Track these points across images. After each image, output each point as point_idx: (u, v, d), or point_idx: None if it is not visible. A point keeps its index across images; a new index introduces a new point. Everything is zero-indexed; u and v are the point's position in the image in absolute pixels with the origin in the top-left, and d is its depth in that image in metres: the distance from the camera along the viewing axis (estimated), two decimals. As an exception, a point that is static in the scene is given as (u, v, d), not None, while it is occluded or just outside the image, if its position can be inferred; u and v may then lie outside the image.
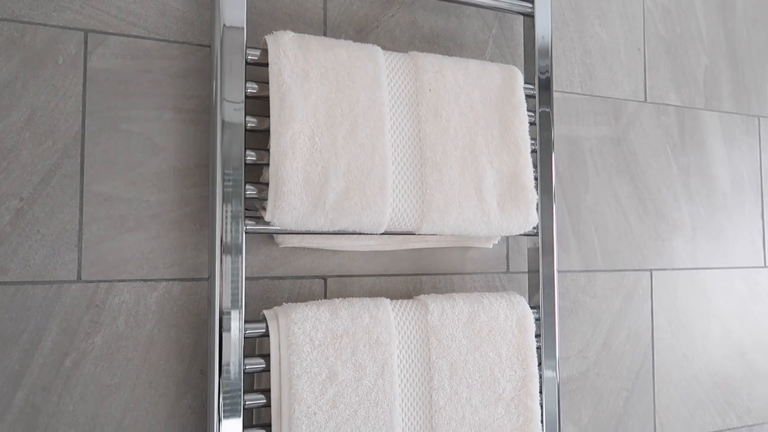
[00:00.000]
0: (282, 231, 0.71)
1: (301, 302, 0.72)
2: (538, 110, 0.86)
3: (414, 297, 0.80)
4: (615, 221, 1.02)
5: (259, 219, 0.71)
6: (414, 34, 0.88)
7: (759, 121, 1.18)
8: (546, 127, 0.86)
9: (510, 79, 0.82)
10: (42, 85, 0.68)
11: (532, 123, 0.86)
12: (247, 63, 0.71)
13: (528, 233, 0.85)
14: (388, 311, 0.73)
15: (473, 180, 0.76)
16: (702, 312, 1.09)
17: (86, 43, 0.70)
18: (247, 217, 0.70)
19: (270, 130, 0.69)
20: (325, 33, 0.82)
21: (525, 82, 0.87)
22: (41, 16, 0.68)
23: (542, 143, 0.86)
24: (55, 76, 0.69)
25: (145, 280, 0.71)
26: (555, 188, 0.87)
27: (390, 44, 0.86)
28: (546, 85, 0.87)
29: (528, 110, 0.85)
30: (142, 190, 0.72)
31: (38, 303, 0.67)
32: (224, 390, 0.67)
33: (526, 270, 0.91)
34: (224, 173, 0.68)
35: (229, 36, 0.69)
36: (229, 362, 0.67)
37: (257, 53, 0.71)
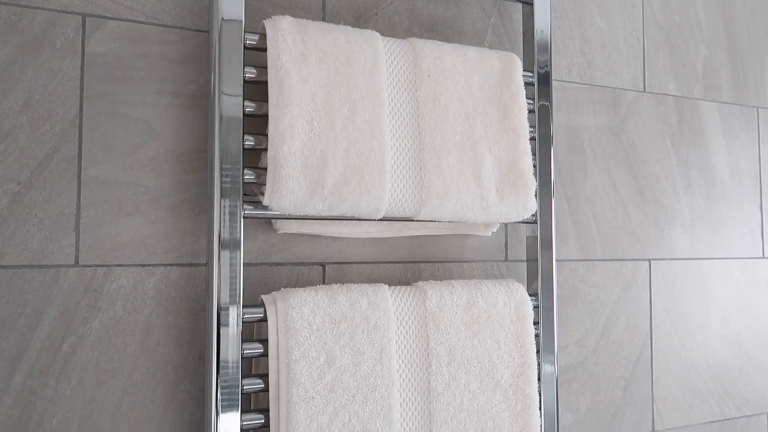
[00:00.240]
0: (280, 216, 0.71)
1: (300, 287, 0.72)
2: (537, 99, 0.86)
3: (412, 284, 0.80)
4: (614, 211, 1.02)
5: (258, 204, 0.71)
6: (413, 22, 0.88)
7: (758, 112, 1.18)
8: (545, 116, 0.86)
9: (509, 66, 0.82)
10: (40, 69, 0.68)
11: (531, 111, 0.86)
12: (246, 48, 0.71)
13: (527, 221, 0.84)
14: (387, 297, 0.73)
15: (472, 166, 0.76)
16: (700, 302, 1.09)
17: (84, 27, 0.70)
18: (246, 202, 0.70)
19: (268, 115, 0.69)
20: (324, 19, 0.82)
21: (524, 70, 0.86)
22: (39, 0, 0.68)
23: (541, 132, 0.86)
24: (53, 60, 0.68)
25: (143, 265, 0.71)
26: (554, 177, 0.87)
27: (389, 31, 0.86)
28: (545, 74, 0.87)
29: (527, 98, 0.85)
30: (140, 175, 0.72)
31: (36, 287, 0.67)
32: (222, 378, 0.67)
33: (525, 259, 0.91)
34: (222, 158, 0.68)
35: (228, 21, 0.69)
36: (228, 348, 0.67)
37: (256, 38, 0.71)
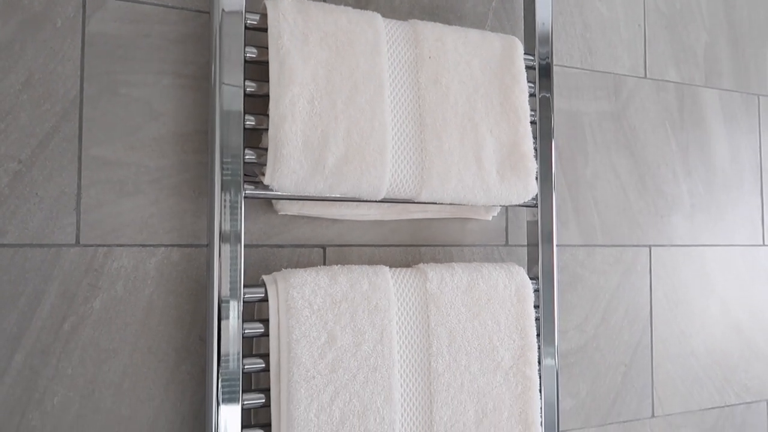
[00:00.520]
0: (281, 196, 0.71)
1: (300, 268, 0.72)
2: (539, 88, 0.86)
3: (413, 266, 0.80)
4: (614, 196, 1.02)
5: (259, 184, 0.71)
6: (413, 5, 0.87)
7: (759, 100, 1.18)
8: (546, 102, 0.86)
9: (510, 49, 0.82)
10: (40, 48, 0.68)
11: (532, 94, 0.86)
12: (247, 28, 0.71)
13: (527, 204, 0.84)
14: (387, 278, 0.73)
15: (473, 148, 0.76)
16: (700, 289, 1.09)
17: (84, 7, 0.70)
18: (247, 182, 0.70)
19: (269, 94, 0.69)
20: (325, 0, 0.82)
21: (525, 54, 0.86)
22: (39, -21, 0.68)
23: (542, 117, 0.86)
24: (54, 39, 0.68)
25: (144, 246, 0.71)
26: (555, 162, 0.87)
27: (389, 14, 0.86)
28: (546, 65, 0.87)
29: (527, 81, 0.85)
30: (141, 155, 0.72)
31: (37, 266, 0.67)
32: (223, 359, 0.67)
33: (525, 244, 0.91)
34: (223, 138, 0.68)
35: (228, 1, 0.69)
36: (228, 328, 0.67)
37: (257, 18, 0.71)
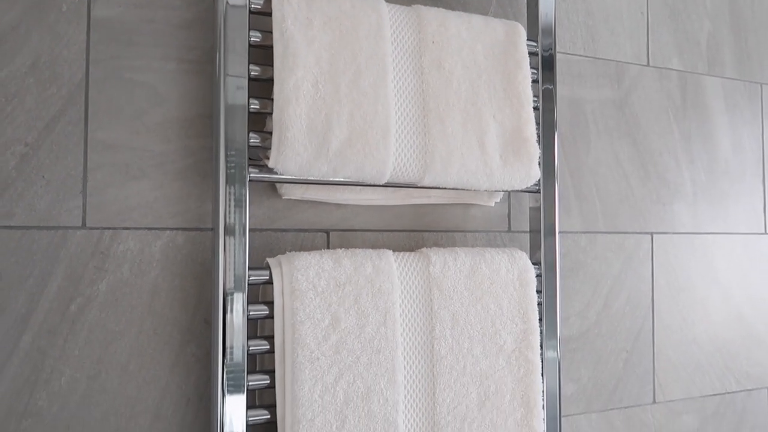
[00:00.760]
0: (285, 179, 0.71)
1: (305, 251, 0.72)
2: (542, 80, 0.86)
3: (416, 250, 0.81)
4: (616, 184, 1.02)
5: (263, 167, 0.71)
6: (417, -9, 0.88)
7: (761, 89, 1.18)
8: (549, 93, 0.86)
9: (513, 35, 0.82)
10: (46, 32, 0.68)
11: (535, 81, 0.86)
12: (251, 12, 0.71)
13: (529, 189, 0.85)
14: (391, 262, 0.74)
15: (476, 132, 0.77)
16: (702, 277, 1.09)
17: (90, -9, 0.70)
18: (251, 166, 0.71)
19: (273, 78, 0.69)
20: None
21: (528, 40, 0.87)
22: (45, -37, 0.68)
23: (545, 109, 0.86)
24: (59, 23, 0.69)
25: (150, 229, 0.72)
26: (557, 149, 0.88)
27: (392, 1, 0.86)
28: (549, 57, 0.87)
29: (530, 67, 0.85)
30: (146, 140, 0.72)
31: (44, 248, 0.67)
32: (228, 340, 0.67)
33: (528, 230, 0.91)
34: (228, 121, 0.68)
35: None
36: (233, 311, 0.68)
37: (260, 2, 0.71)
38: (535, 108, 0.86)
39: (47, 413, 0.66)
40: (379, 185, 0.75)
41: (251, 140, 0.70)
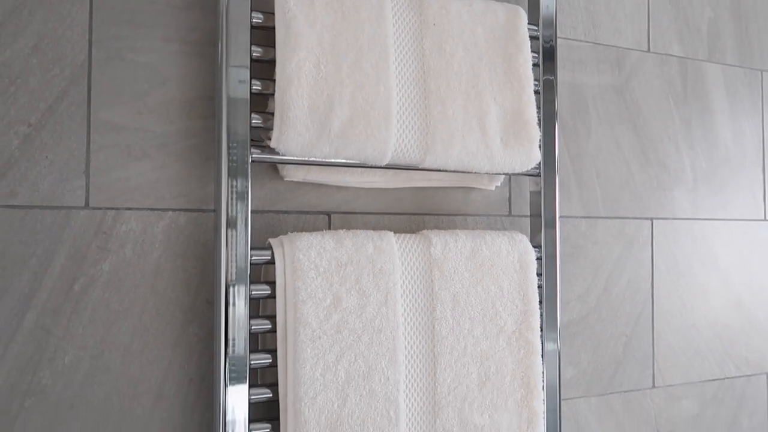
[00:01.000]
0: (287, 160, 0.72)
1: (306, 232, 0.73)
2: (542, 67, 0.86)
3: (417, 232, 0.81)
4: (617, 169, 1.03)
5: (265, 148, 0.72)
6: (418, -25, 0.88)
7: (762, 75, 1.18)
8: (549, 84, 0.87)
9: (514, 18, 0.82)
10: (48, 12, 0.68)
11: (535, 65, 0.87)
12: (253, -7, 0.71)
13: (530, 173, 0.85)
14: (392, 243, 0.74)
15: (477, 114, 0.77)
16: (701, 262, 1.10)
17: (92, -28, 0.70)
18: (253, 147, 0.71)
19: (275, 59, 0.69)
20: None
21: (528, 23, 0.87)
22: (47, -56, 0.69)
23: (546, 100, 0.87)
24: (62, 4, 0.69)
25: (152, 209, 0.72)
26: (558, 134, 0.88)
27: (394, -16, 0.86)
28: (550, 48, 0.87)
29: (531, 52, 0.85)
30: (148, 121, 0.72)
31: (47, 227, 0.68)
32: (230, 321, 0.68)
33: (528, 214, 0.92)
34: (229, 101, 0.69)
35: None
36: (236, 292, 0.68)
37: (262, -17, 0.72)
38: (536, 92, 0.86)
39: (51, 391, 0.67)
40: (381, 167, 0.75)
41: (253, 121, 0.71)
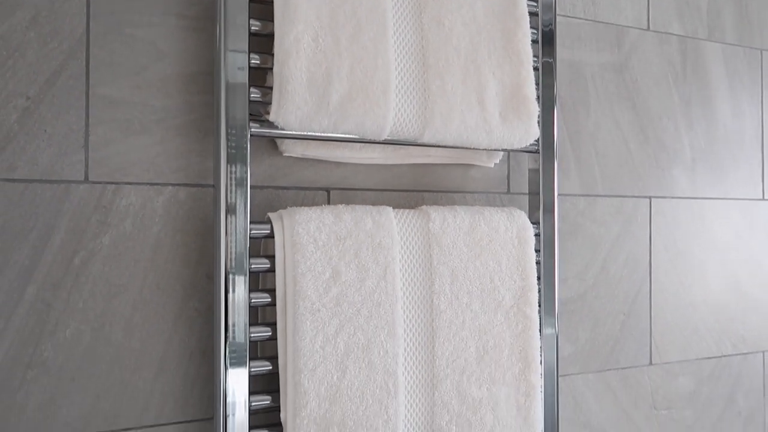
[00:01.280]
0: (286, 134, 0.72)
1: (305, 207, 0.73)
2: (541, 50, 0.86)
3: (416, 207, 0.81)
4: (615, 147, 1.03)
5: (264, 123, 0.72)
6: (417, -49, 0.87)
7: (761, 54, 1.18)
8: (549, 67, 0.86)
9: (513, -7, 0.82)
10: (46, -15, 0.68)
11: (534, 41, 0.86)
12: (251, -33, 0.71)
13: (529, 149, 0.85)
14: (391, 218, 0.75)
15: (475, 89, 0.77)
16: (699, 241, 1.10)
17: (89, -54, 0.70)
18: (252, 121, 0.71)
19: (274, 32, 0.69)
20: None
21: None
22: None
23: (545, 85, 0.86)
24: (59, -23, 0.69)
25: (152, 184, 0.72)
26: (557, 111, 0.88)
27: (393, -40, 0.86)
28: (549, 32, 0.87)
29: (531, 28, 0.85)
30: (147, 95, 0.72)
31: (47, 201, 0.68)
32: (229, 294, 0.68)
33: (527, 192, 0.92)
34: (228, 77, 0.69)
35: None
36: (235, 265, 0.69)
37: (260, -43, 0.71)
38: (535, 69, 0.86)
39: (52, 364, 0.68)
40: (379, 141, 0.75)
41: (252, 95, 0.70)
